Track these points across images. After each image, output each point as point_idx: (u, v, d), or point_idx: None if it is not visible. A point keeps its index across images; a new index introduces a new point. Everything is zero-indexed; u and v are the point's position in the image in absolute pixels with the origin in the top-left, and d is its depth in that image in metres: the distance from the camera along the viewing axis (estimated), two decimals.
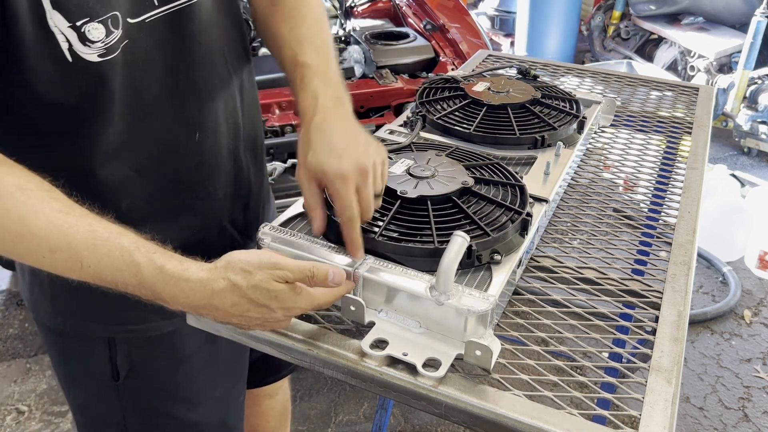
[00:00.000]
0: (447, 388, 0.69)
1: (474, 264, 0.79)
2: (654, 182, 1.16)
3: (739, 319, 2.51)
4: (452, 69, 2.23)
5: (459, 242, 0.70)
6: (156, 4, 0.74)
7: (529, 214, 0.86)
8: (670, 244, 0.96)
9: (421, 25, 2.56)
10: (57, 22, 0.65)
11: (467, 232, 0.78)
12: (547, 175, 1.01)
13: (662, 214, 1.06)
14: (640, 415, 0.66)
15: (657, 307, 0.83)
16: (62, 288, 0.79)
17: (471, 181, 0.89)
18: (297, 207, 0.91)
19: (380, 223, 0.81)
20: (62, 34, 0.65)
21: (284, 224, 0.87)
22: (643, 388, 0.70)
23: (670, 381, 0.70)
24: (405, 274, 0.75)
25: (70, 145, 0.75)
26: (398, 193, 0.85)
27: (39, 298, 0.89)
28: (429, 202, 0.85)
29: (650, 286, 0.87)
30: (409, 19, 2.68)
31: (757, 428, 2.03)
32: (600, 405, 0.69)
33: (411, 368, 0.70)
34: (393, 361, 0.72)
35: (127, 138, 0.77)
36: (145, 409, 0.97)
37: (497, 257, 0.80)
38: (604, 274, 0.90)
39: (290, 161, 1.92)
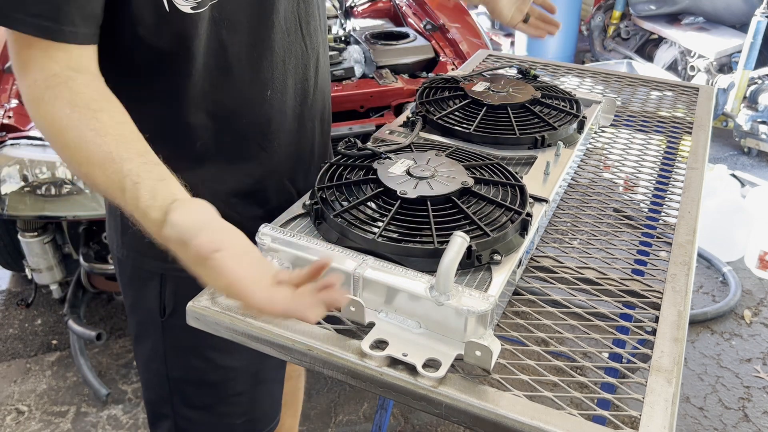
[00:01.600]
0: (447, 388, 0.69)
1: (474, 264, 0.79)
2: (654, 182, 1.16)
3: (739, 319, 2.51)
4: (452, 69, 2.23)
5: (459, 242, 0.70)
6: None
7: (529, 214, 0.86)
8: (670, 244, 0.96)
9: (421, 25, 2.56)
10: None
11: (467, 232, 0.78)
12: (547, 175, 1.00)
13: (662, 214, 1.06)
14: (641, 415, 0.66)
15: (657, 307, 0.83)
16: (129, 223, 0.83)
17: (471, 182, 0.89)
18: (297, 207, 0.91)
19: (380, 224, 0.81)
20: None
21: (284, 225, 0.87)
22: (644, 388, 0.70)
23: (671, 381, 0.70)
24: (405, 274, 0.75)
25: (159, 86, 0.86)
26: (398, 193, 0.85)
27: (112, 231, 1.01)
28: (429, 203, 0.84)
29: (650, 286, 0.87)
30: (409, 19, 2.68)
31: (757, 428, 2.03)
32: (600, 405, 0.69)
33: (411, 368, 0.70)
34: (393, 362, 0.72)
35: (207, 88, 0.87)
36: (184, 349, 1.03)
37: (497, 257, 0.80)
38: (604, 274, 0.90)
39: None
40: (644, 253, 0.95)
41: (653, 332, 0.78)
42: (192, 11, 0.80)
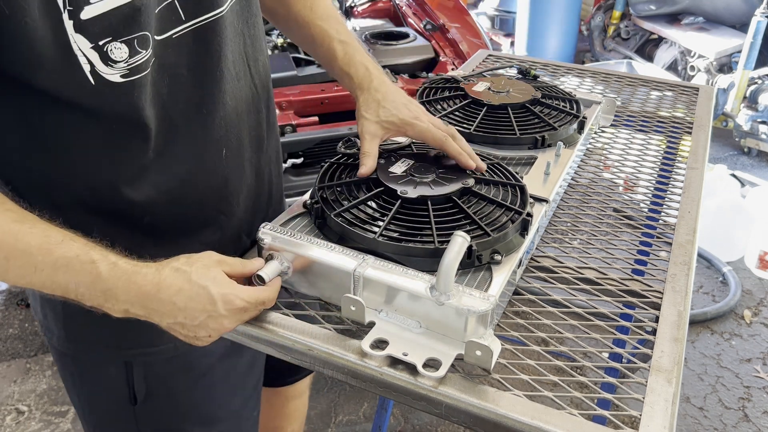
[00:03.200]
0: (447, 388, 0.69)
1: (474, 264, 0.79)
2: (654, 182, 1.16)
3: (739, 319, 2.51)
4: (452, 69, 2.23)
5: (459, 242, 0.70)
6: (183, 18, 0.73)
7: (529, 214, 0.86)
8: (670, 244, 0.96)
9: (421, 25, 2.56)
10: (80, 44, 0.64)
11: (467, 232, 0.78)
12: (548, 175, 1.00)
13: (662, 214, 1.06)
14: (641, 415, 0.66)
15: (657, 307, 0.83)
16: (75, 312, 0.79)
17: (471, 181, 0.89)
18: (297, 207, 0.91)
19: (380, 223, 0.81)
20: (84, 56, 0.65)
21: (284, 224, 0.87)
22: (644, 388, 0.70)
23: (671, 381, 0.70)
24: (405, 274, 0.75)
25: (95, 163, 0.74)
26: (398, 193, 0.85)
27: (52, 323, 0.89)
28: (429, 202, 0.84)
29: (650, 286, 0.87)
30: (409, 19, 2.68)
31: (757, 428, 2.03)
32: (600, 405, 0.69)
33: (411, 368, 0.70)
34: (393, 362, 0.72)
35: (151, 157, 0.76)
36: (162, 430, 0.97)
37: (497, 257, 0.80)
38: (604, 274, 0.90)
39: (290, 161, 1.92)
40: (644, 253, 0.95)
41: (653, 332, 0.78)
42: (123, 80, 0.68)
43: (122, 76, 0.68)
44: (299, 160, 1.94)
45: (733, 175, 3.16)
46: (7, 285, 2.67)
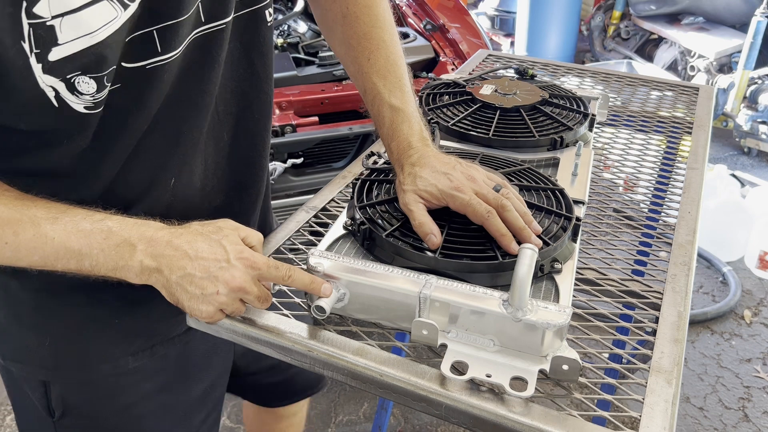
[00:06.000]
0: (447, 389, 0.69)
1: (537, 275, 0.77)
2: (654, 182, 1.16)
3: (739, 319, 2.51)
4: (452, 69, 2.23)
5: (530, 255, 0.67)
6: (159, 51, 0.70)
7: (579, 219, 0.85)
8: (670, 244, 0.96)
9: (421, 25, 2.56)
10: (47, 81, 0.63)
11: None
12: (575, 176, 0.99)
13: (662, 214, 1.06)
14: (641, 416, 0.66)
15: (657, 307, 0.83)
16: (10, 324, 0.83)
17: (515, 190, 0.86)
18: (337, 229, 0.86)
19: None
20: (51, 87, 0.63)
21: (329, 248, 0.83)
22: (644, 389, 0.70)
23: (671, 382, 0.70)
24: (473, 292, 0.72)
25: (49, 179, 0.73)
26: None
27: None
28: None
29: (650, 287, 0.87)
30: (409, 19, 2.68)
31: (758, 428, 2.03)
32: (600, 406, 0.69)
33: (411, 368, 0.70)
34: (393, 362, 0.72)
35: (105, 184, 0.76)
36: None
37: (558, 266, 0.78)
38: (604, 274, 0.90)
39: (290, 161, 1.92)
40: (644, 253, 0.95)
41: (653, 333, 0.78)
42: (86, 111, 0.67)
43: (86, 108, 0.67)
44: (299, 160, 1.94)
45: (733, 175, 3.16)
46: None
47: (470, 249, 0.78)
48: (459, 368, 0.70)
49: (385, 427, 1.72)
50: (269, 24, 0.87)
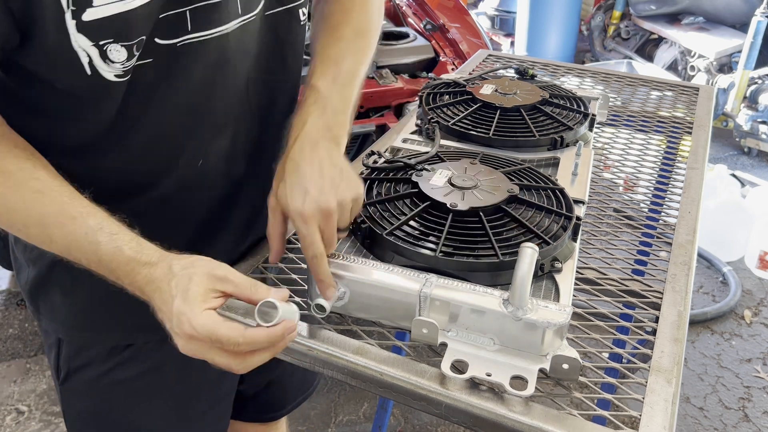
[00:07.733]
0: (447, 388, 0.69)
1: (537, 274, 0.76)
2: (654, 182, 1.16)
3: (740, 319, 2.51)
4: (452, 69, 2.23)
5: (530, 254, 0.67)
6: (189, 29, 0.72)
7: (579, 218, 0.84)
8: (670, 244, 0.96)
9: (421, 25, 2.56)
10: (81, 43, 0.65)
11: (525, 241, 0.76)
12: (575, 176, 0.99)
13: (662, 214, 1.06)
14: (641, 415, 0.66)
15: (657, 307, 0.83)
16: (34, 279, 0.89)
17: (516, 189, 0.86)
18: None
19: (433, 239, 0.78)
20: (84, 51, 0.66)
21: None
22: (644, 388, 0.70)
23: (671, 381, 0.70)
24: (474, 290, 0.72)
25: (77, 147, 0.76)
26: (448, 206, 0.82)
27: (22, 281, 0.94)
28: (482, 214, 0.82)
29: (650, 287, 0.87)
30: (409, 19, 2.68)
31: (758, 428, 2.03)
32: (600, 405, 0.69)
33: (411, 367, 0.70)
34: (393, 361, 0.72)
35: (131, 158, 0.78)
36: (78, 420, 0.98)
37: (558, 265, 0.78)
38: (604, 274, 0.90)
39: None
40: (644, 253, 0.95)
41: (653, 332, 0.78)
42: (117, 79, 0.69)
43: (116, 76, 0.69)
44: None
45: (733, 175, 3.17)
46: (7, 285, 2.67)
47: (470, 248, 0.78)
48: (459, 367, 0.70)
49: (385, 427, 1.72)
50: (302, 23, 0.88)
